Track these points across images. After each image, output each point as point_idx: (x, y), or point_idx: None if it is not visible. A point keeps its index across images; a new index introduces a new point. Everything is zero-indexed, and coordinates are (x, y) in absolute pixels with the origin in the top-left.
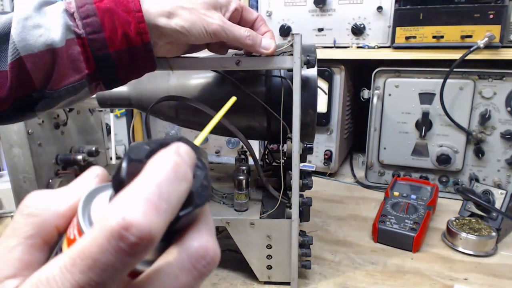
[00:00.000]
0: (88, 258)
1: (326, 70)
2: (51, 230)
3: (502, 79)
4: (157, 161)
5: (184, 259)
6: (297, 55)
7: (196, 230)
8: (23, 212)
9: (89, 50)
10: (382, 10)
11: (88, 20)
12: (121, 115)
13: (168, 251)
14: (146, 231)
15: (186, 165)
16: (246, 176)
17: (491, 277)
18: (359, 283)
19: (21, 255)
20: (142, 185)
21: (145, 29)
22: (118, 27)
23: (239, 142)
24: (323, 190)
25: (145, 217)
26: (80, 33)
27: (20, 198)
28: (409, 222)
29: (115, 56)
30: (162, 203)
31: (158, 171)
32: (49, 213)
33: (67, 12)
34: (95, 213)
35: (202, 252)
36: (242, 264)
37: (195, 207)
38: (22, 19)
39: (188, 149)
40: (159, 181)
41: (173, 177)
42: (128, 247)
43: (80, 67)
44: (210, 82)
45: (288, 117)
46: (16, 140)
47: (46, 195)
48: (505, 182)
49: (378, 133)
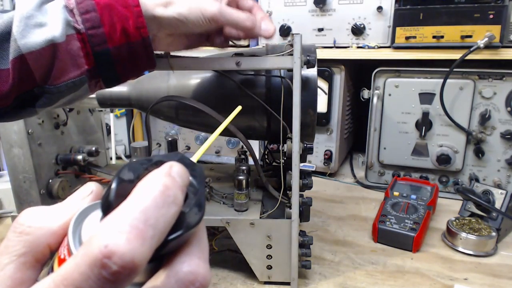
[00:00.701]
0: (70, 285)
1: (326, 70)
2: (43, 249)
3: (502, 79)
4: (145, 184)
5: (172, 284)
6: (297, 55)
7: (186, 253)
8: (16, 230)
9: (89, 45)
10: (382, 10)
11: (87, 16)
12: (121, 115)
13: (157, 274)
14: (129, 259)
15: (177, 187)
16: (246, 176)
17: (491, 277)
18: (359, 283)
19: (13, 273)
20: (127, 210)
21: (143, 23)
22: (117, 23)
23: (239, 142)
24: (323, 190)
25: (129, 245)
26: (79, 29)
27: (20, 198)
28: (409, 222)
29: (114, 51)
30: (148, 229)
31: (146, 195)
32: (42, 232)
33: (66, 8)
34: (85, 233)
35: (192, 277)
36: (242, 264)
37: (185, 230)
38: (24, 18)
39: (180, 170)
40: (145, 206)
41: (161, 202)
42: (110, 275)
43: (80, 63)
44: (210, 82)
45: (288, 117)
46: (16, 140)
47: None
48: (505, 182)
49: (378, 133)
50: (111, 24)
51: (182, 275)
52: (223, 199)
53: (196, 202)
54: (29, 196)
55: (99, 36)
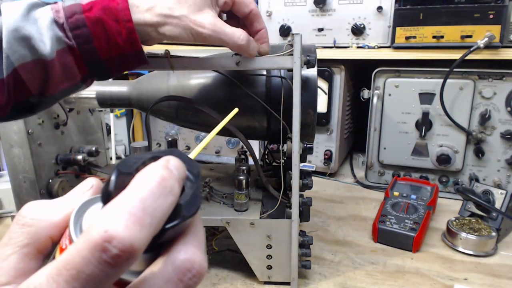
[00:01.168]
0: (72, 269)
1: (326, 70)
2: (45, 240)
3: (502, 79)
4: (143, 175)
5: (169, 271)
6: (297, 55)
7: (183, 243)
8: (18, 222)
9: (81, 59)
10: (382, 10)
11: (78, 32)
12: (121, 115)
13: (155, 263)
14: (128, 243)
15: (174, 179)
16: (246, 176)
17: (491, 277)
18: (359, 283)
19: (16, 263)
20: (126, 199)
21: (135, 39)
22: (109, 37)
23: (239, 142)
24: (323, 190)
25: (127, 230)
26: (71, 44)
27: (20, 198)
28: (409, 222)
29: (107, 61)
30: (146, 216)
31: (144, 185)
32: (44, 224)
33: (56, 23)
34: (86, 224)
35: (188, 265)
36: (242, 264)
37: (182, 220)
38: (12, 31)
39: (177, 163)
40: (144, 195)
41: (158, 191)
42: (110, 259)
43: (74, 73)
44: (210, 82)
45: (288, 117)
46: (16, 140)
47: (41, 206)
48: (505, 182)
49: (378, 133)
50: (103, 39)
51: (179, 263)
52: (223, 199)
53: (193, 194)
54: (29, 196)
55: (91, 50)
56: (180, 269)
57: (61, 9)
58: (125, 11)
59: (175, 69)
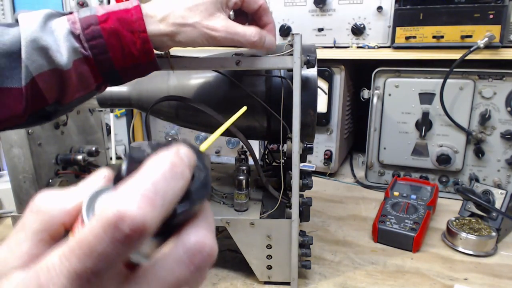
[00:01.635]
0: (85, 247)
1: (326, 70)
2: (58, 227)
3: (502, 79)
4: (155, 160)
5: (180, 252)
6: (297, 55)
7: (194, 226)
8: (32, 209)
9: (96, 69)
10: (382, 10)
11: (94, 42)
12: (121, 115)
13: (165, 244)
14: (140, 222)
15: (184, 165)
16: (246, 176)
17: (491, 277)
18: (359, 283)
19: (29, 249)
20: (139, 182)
21: (150, 49)
22: (124, 48)
23: (239, 142)
24: (323, 190)
25: (139, 210)
26: (87, 55)
27: (20, 198)
28: (409, 222)
29: (121, 71)
30: (157, 198)
31: (156, 169)
32: (57, 211)
33: (72, 34)
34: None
35: (199, 246)
36: (242, 264)
37: (192, 204)
38: (30, 41)
39: (188, 151)
40: (155, 178)
41: (170, 175)
42: (123, 237)
43: (89, 82)
44: (210, 82)
45: (288, 117)
46: (16, 140)
47: (54, 194)
48: (505, 182)
49: (378, 133)
50: (118, 50)
51: (189, 245)
52: (223, 199)
53: (202, 181)
54: (29, 196)
55: (106, 60)
56: (191, 251)
57: (77, 20)
58: (139, 21)
59: (175, 69)
